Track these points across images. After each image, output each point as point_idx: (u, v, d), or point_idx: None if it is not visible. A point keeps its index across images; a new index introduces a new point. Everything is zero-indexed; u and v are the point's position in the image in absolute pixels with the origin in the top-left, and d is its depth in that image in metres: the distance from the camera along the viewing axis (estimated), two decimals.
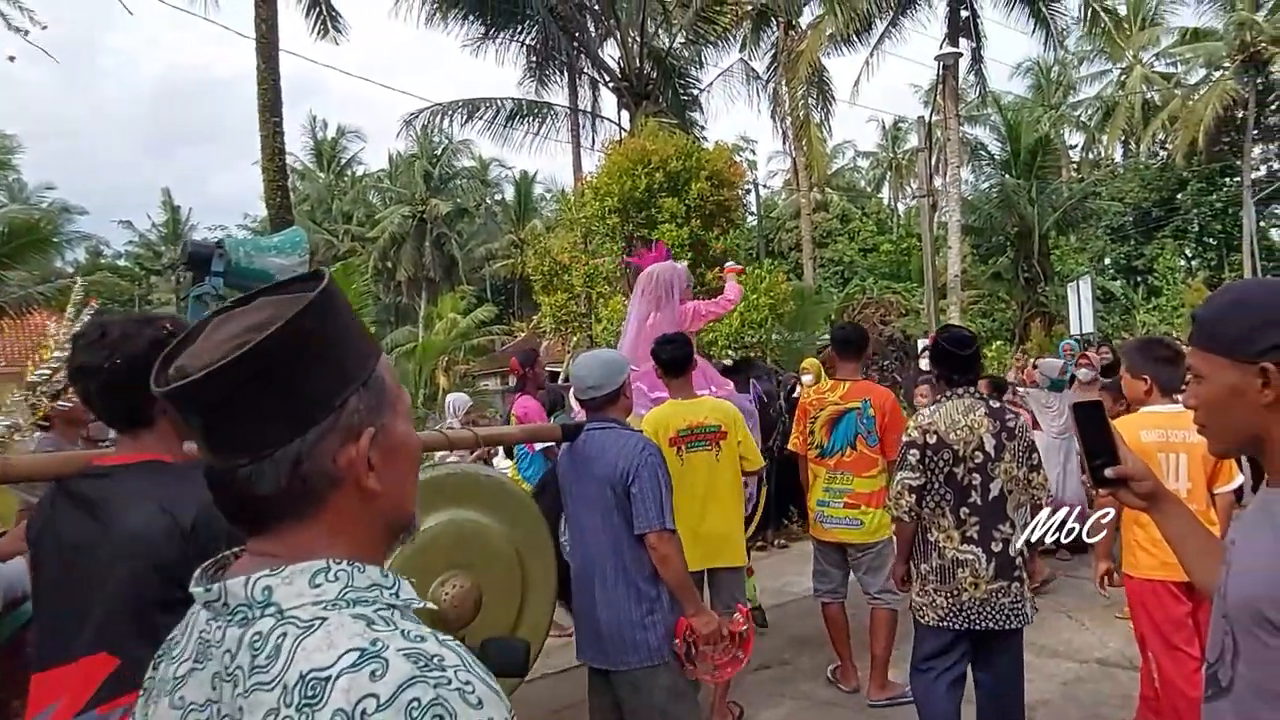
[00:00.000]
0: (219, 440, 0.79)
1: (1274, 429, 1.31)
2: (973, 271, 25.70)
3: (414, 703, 0.69)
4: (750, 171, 28.52)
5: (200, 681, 0.80)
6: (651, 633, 2.84)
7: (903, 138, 39.13)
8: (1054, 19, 19.66)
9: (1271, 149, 33.11)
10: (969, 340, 3.51)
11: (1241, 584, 1.30)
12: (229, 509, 0.82)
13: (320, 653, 0.72)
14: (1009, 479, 3.30)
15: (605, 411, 2.99)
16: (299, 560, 0.79)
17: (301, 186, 40.58)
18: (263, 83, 11.92)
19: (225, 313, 0.84)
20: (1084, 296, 15.45)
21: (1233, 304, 1.35)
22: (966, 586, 3.26)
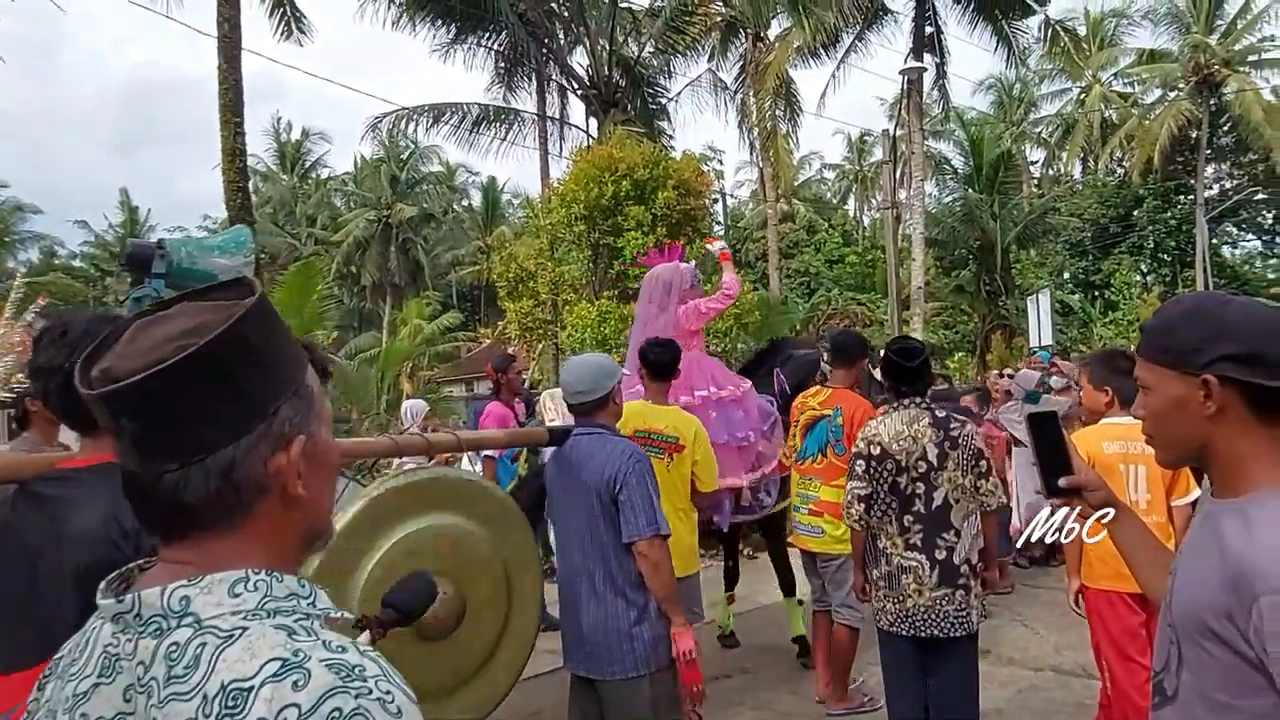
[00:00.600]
0: (150, 445, 0.78)
1: (1217, 441, 1.31)
2: (936, 284, 26.08)
3: (335, 712, 0.70)
4: (717, 181, 28.68)
5: (108, 696, 0.79)
6: (639, 642, 2.79)
7: (868, 151, 39.61)
8: (1016, 37, 20.07)
9: (1223, 168, 34.06)
10: (915, 351, 3.53)
11: (1186, 593, 1.31)
12: (150, 516, 0.81)
13: (242, 663, 0.73)
14: (953, 487, 3.33)
15: (594, 417, 2.95)
16: (216, 569, 0.79)
17: (264, 189, 39.99)
18: (224, 82, 11.73)
19: (145, 317, 0.83)
20: (1043, 309, 15.75)
21: (1178, 316, 1.36)
22: (911, 593, 3.31)
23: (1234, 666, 1.19)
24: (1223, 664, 1.21)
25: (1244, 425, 1.29)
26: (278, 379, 0.83)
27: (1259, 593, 1.14)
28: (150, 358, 0.76)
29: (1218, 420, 1.30)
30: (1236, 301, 1.34)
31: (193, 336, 0.77)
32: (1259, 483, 1.27)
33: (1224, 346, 1.27)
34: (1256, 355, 1.26)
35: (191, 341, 0.76)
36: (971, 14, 19.49)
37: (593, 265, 11.26)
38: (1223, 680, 1.22)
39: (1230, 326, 1.28)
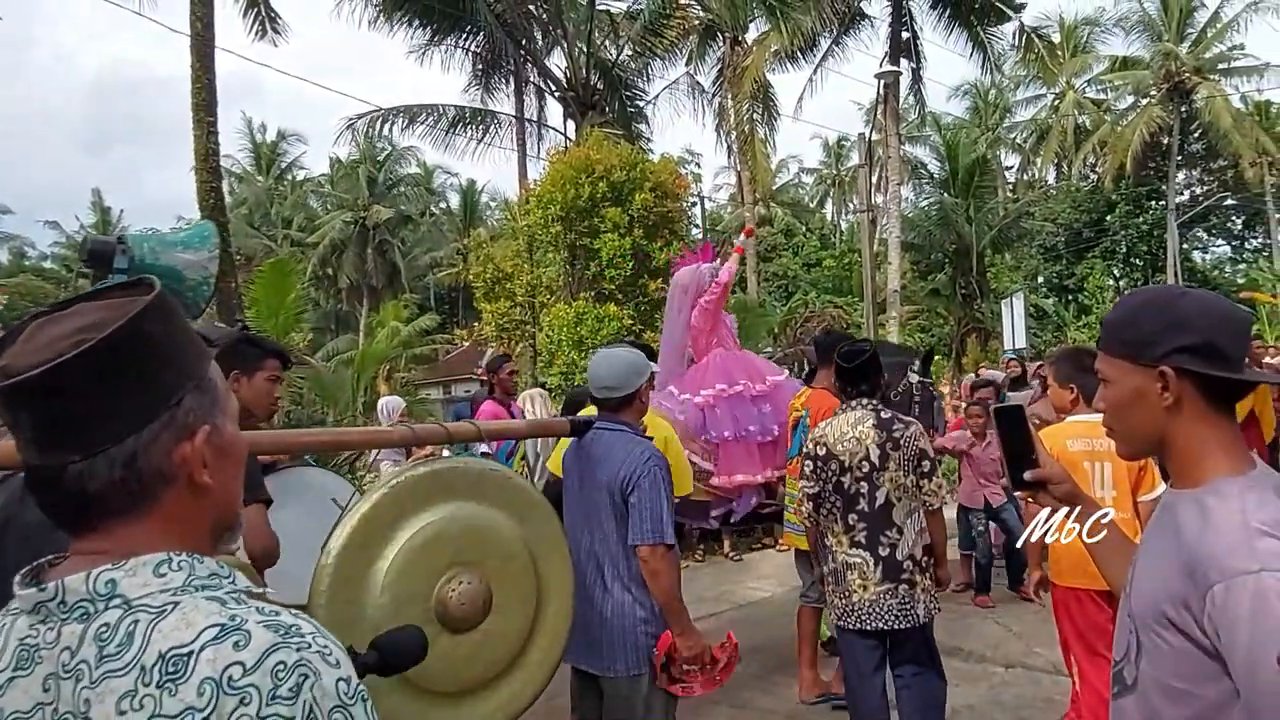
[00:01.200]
0: (51, 438, 0.79)
1: (1175, 433, 1.32)
2: (912, 287, 26.30)
3: (279, 665, 0.74)
4: (695, 185, 28.75)
5: (25, 688, 0.79)
6: (642, 640, 2.78)
7: (845, 155, 39.88)
8: (991, 44, 20.26)
9: (1194, 174, 34.64)
10: (856, 354, 3.59)
11: (1144, 583, 1.32)
12: (55, 508, 0.82)
13: (178, 631, 0.75)
14: (895, 487, 3.41)
15: (620, 413, 2.90)
16: (133, 555, 0.80)
17: (240, 190, 39.60)
18: (197, 81, 11.58)
19: (43, 316, 0.84)
20: (1017, 313, 15.88)
21: (1135, 309, 1.37)
22: (856, 588, 3.40)
23: (1190, 654, 1.20)
24: (1179, 652, 1.22)
25: (1200, 416, 1.31)
26: (179, 372, 0.84)
27: (1213, 581, 1.15)
28: (48, 353, 0.77)
29: (1175, 411, 1.31)
30: (1192, 294, 1.35)
31: (91, 331, 0.78)
32: (1216, 472, 1.28)
33: (1179, 338, 1.28)
34: (1211, 346, 1.27)
35: (89, 337, 0.77)
36: (947, 20, 19.66)
37: (569, 266, 11.24)
38: (1180, 668, 1.23)
39: (1185, 318, 1.29)
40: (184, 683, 0.72)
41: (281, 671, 0.74)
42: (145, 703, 0.73)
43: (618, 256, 10.17)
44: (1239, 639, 1.12)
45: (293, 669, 0.74)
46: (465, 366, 29.34)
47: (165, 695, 0.72)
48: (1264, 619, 1.09)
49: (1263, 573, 1.12)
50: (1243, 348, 1.29)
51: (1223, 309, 1.31)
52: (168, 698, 0.72)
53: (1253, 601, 1.11)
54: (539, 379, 11.49)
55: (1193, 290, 1.36)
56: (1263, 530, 1.17)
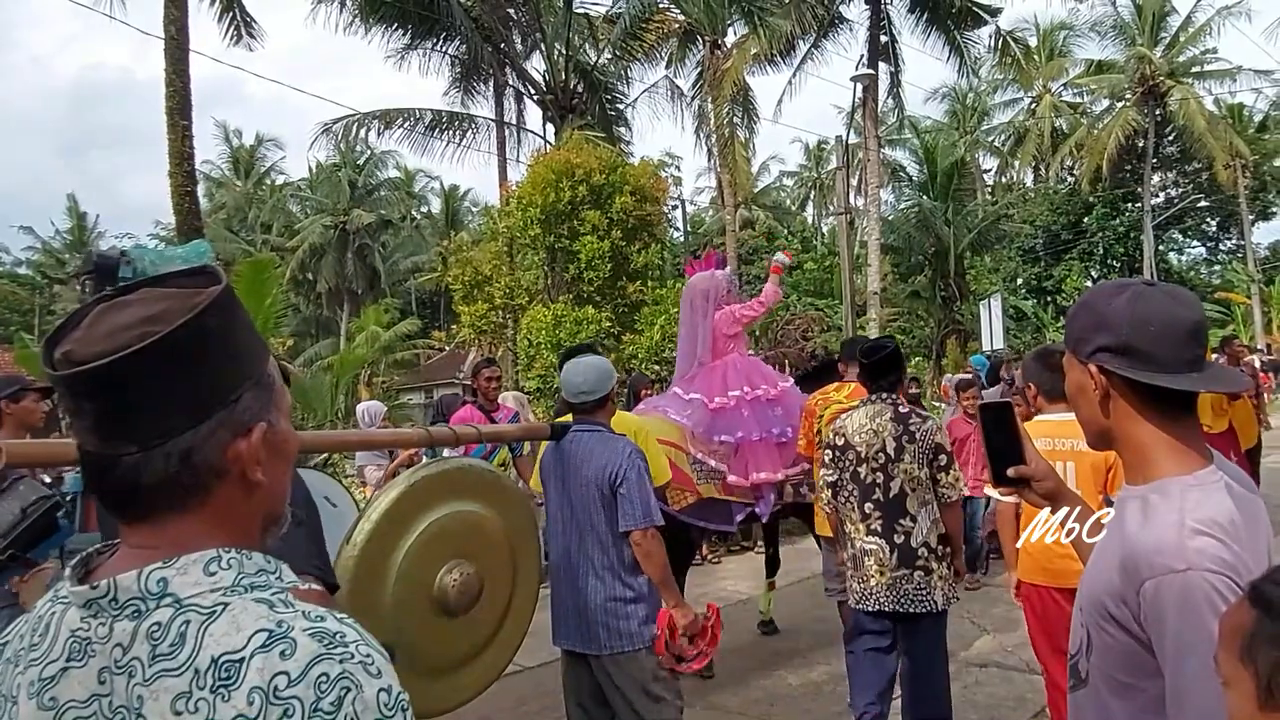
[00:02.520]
0: (111, 428, 0.80)
1: (1115, 428, 1.33)
2: (892, 290, 26.45)
3: (323, 677, 0.75)
4: (676, 188, 28.78)
5: (80, 680, 0.80)
6: (634, 619, 3.00)
7: (826, 158, 40.07)
8: (968, 48, 20.41)
9: (1169, 177, 35.05)
10: (876, 349, 3.75)
11: (1090, 579, 1.33)
12: (108, 496, 0.83)
13: (229, 636, 0.76)
14: (909, 478, 3.52)
15: (594, 415, 3.15)
16: (181, 551, 0.81)
17: (218, 195, 39.33)
18: (171, 85, 11.48)
19: (106, 302, 0.84)
20: (995, 314, 16.03)
21: (1080, 304, 1.39)
22: (873, 573, 3.54)
23: (1131, 649, 1.21)
24: (1122, 646, 1.23)
25: (1137, 414, 1.30)
26: (240, 368, 0.84)
27: (1144, 578, 1.16)
28: (112, 343, 0.78)
29: (1109, 408, 1.32)
30: (1131, 290, 1.32)
31: (156, 324, 0.78)
32: (1164, 471, 1.28)
33: (1101, 337, 1.29)
34: (1128, 347, 1.27)
35: (156, 329, 0.78)
36: (924, 24, 19.80)
37: (549, 269, 11.22)
38: (1123, 662, 1.24)
39: (1109, 317, 1.29)
40: (236, 689, 0.74)
41: (324, 684, 0.75)
42: (200, 706, 0.74)
43: (597, 259, 10.16)
44: (1166, 635, 1.13)
45: (335, 681, 0.75)
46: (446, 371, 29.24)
47: (219, 700, 0.74)
48: (1189, 616, 1.11)
49: (1189, 572, 1.13)
50: (1179, 349, 1.27)
51: (1157, 309, 1.28)
52: (221, 703, 0.74)
53: (1179, 599, 1.12)
54: (518, 382, 11.47)
55: (1133, 285, 1.33)
56: (1197, 529, 1.17)
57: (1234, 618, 0.95)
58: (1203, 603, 1.10)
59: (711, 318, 5.00)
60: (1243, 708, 0.91)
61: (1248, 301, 30.31)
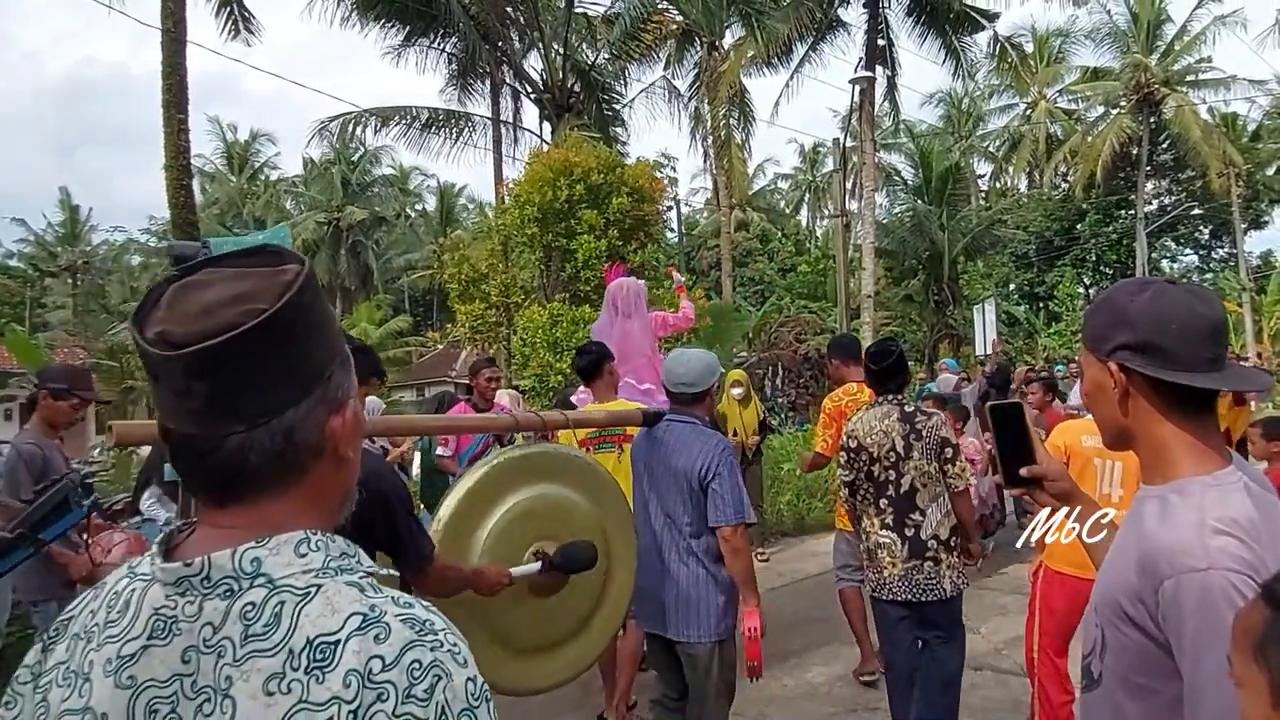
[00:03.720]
0: (220, 408, 0.79)
1: (1134, 426, 1.32)
2: (886, 293, 26.45)
3: (415, 664, 0.76)
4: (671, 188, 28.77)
5: (162, 659, 0.78)
6: (715, 610, 3.08)
7: (821, 161, 40.14)
8: (965, 53, 20.44)
9: (1163, 184, 35.21)
10: (884, 355, 3.91)
11: (1107, 577, 1.32)
12: (204, 477, 0.82)
13: (324, 618, 0.76)
14: (919, 474, 3.72)
15: (691, 408, 3.21)
16: (271, 531, 0.80)
17: (211, 190, 39.17)
18: (168, 79, 11.42)
19: (176, 283, 0.82)
20: (988, 319, 16.04)
21: (1099, 302, 1.38)
22: (886, 565, 3.74)
23: (1147, 650, 1.20)
24: (1138, 647, 1.22)
25: (1156, 413, 1.30)
26: (329, 346, 0.85)
27: (1163, 576, 1.16)
28: (212, 321, 0.77)
29: (1129, 406, 1.31)
30: (1153, 288, 1.32)
31: (253, 301, 0.78)
32: (1183, 470, 1.28)
33: (1122, 335, 1.29)
34: (1149, 345, 1.26)
35: (260, 307, 0.78)
36: (922, 28, 19.82)
37: (545, 268, 11.20)
38: (1139, 663, 1.23)
39: (1131, 315, 1.29)
40: (331, 671, 0.74)
41: (417, 670, 0.76)
42: (293, 686, 0.74)
43: (593, 258, 10.14)
44: (1185, 634, 1.13)
45: (427, 669, 0.76)
46: (439, 369, 29.17)
47: (313, 682, 0.74)
48: (1208, 615, 1.10)
49: (1210, 571, 1.12)
50: (1200, 347, 1.26)
51: (1178, 307, 1.29)
52: (315, 684, 0.74)
53: (1199, 598, 1.11)
54: (514, 381, 11.43)
55: (1155, 284, 1.33)
56: (1217, 529, 1.17)
57: (1247, 618, 0.94)
58: (1222, 601, 1.09)
59: (645, 317, 5.09)
60: (1256, 708, 0.90)
61: (1239, 310, 30.44)
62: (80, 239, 42.61)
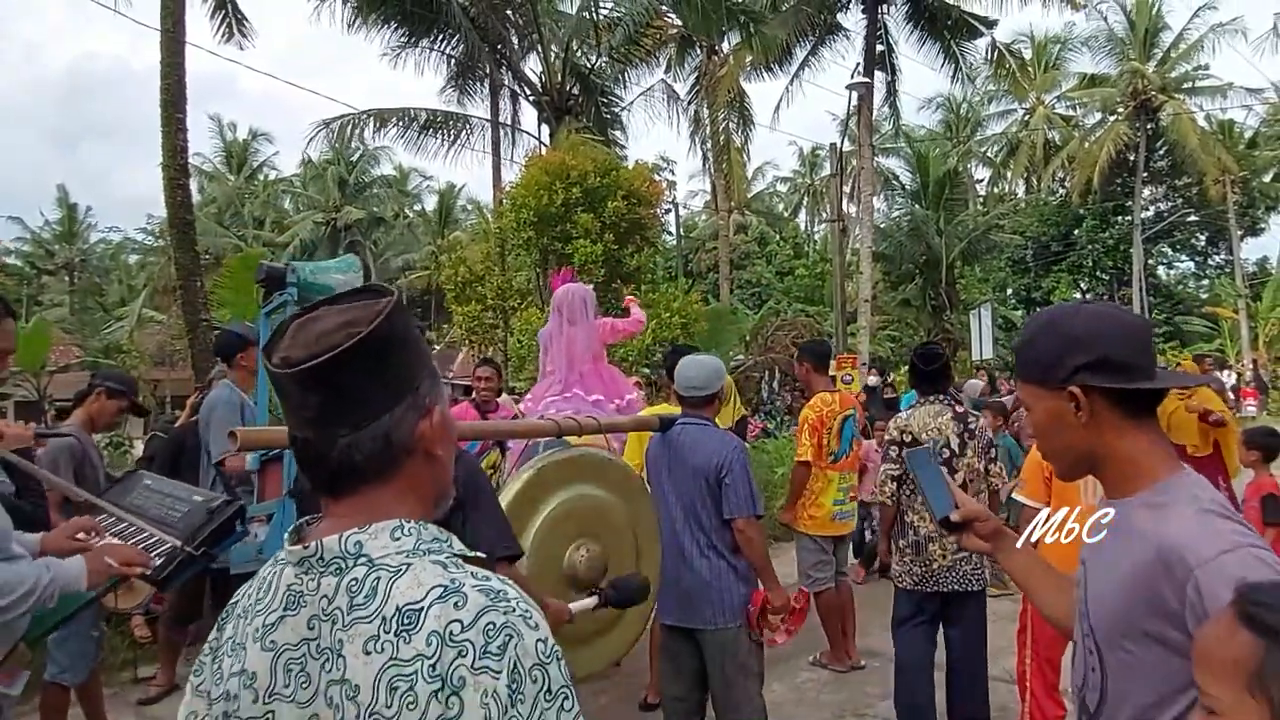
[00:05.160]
0: (332, 414, 0.95)
1: (1102, 446, 1.33)
2: (883, 297, 26.53)
3: (490, 625, 0.88)
4: (670, 191, 28.80)
5: (293, 626, 0.95)
6: (736, 597, 3.29)
7: (820, 164, 40.17)
8: (964, 58, 20.50)
9: (1159, 191, 35.29)
10: (933, 357, 4.16)
11: (1102, 599, 1.31)
12: (321, 475, 0.98)
13: (411, 590, 0.90)
14: (970, 471, 3.94)
15: (702, 410, 3.42)
16: (378, 519, 0.95)
17: (209, 189, 39.09)
18: (166, 78, 11.40)
19: (298, 319, 1.00)
20: (985, 324, 16.11)
21: (1033, 334, 1.39)
22: (936, 557, 3.91)
23: (1164, 664, 1.18)
24: (1152, 664, 1.20)
25: (1122, 427, 1.32)
26: (417, 359, 1.01)
27: (1192, 566, 1.14)
28: (322, 344, 0.93)
29: (1094, 427, 1.31)
30: (1086, 310, 1.36)
31: (354, 326, 0.94)
32: (1156, 477, 1.29)
33: (1077, 357, 1.30)
34: (1106, 360, 1.29)
35: (357, 330, 0.93)
36: (921, 34, 19.87)
37: (541, 271, 11.22)
38: (1153, 682, 1.21)
39: (1079, 337, 1.31)
40: (416, 633, 0.87)
41: (491, 631, 0.87)
42: (385, 646, 0.87)
43: (589, 262, 10.16)
44: None
45: (500, 630, 0.88)
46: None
47: (401, 642, 0.87)
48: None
49: (1238, 550, 1.13)
50: (1145, 355, 1.31)
51: (1116, 322, 1.33)
52: (403, 644, 0.87)
53: (1239, 573, 1.08)
54: (510, 384, 11.44)
55: (1086, 306, 1.38)
56: (1221, 514, 1.20)
57: (1230, 648, 0.91)
58: (1259, 564, 1.10)
59: (594, 324, 5.00)
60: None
61: (1235, 316, 30.53)
62: (78, 237, 42.56)
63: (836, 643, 5.09)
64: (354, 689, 0.88)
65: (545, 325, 5.19)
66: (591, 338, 4.87)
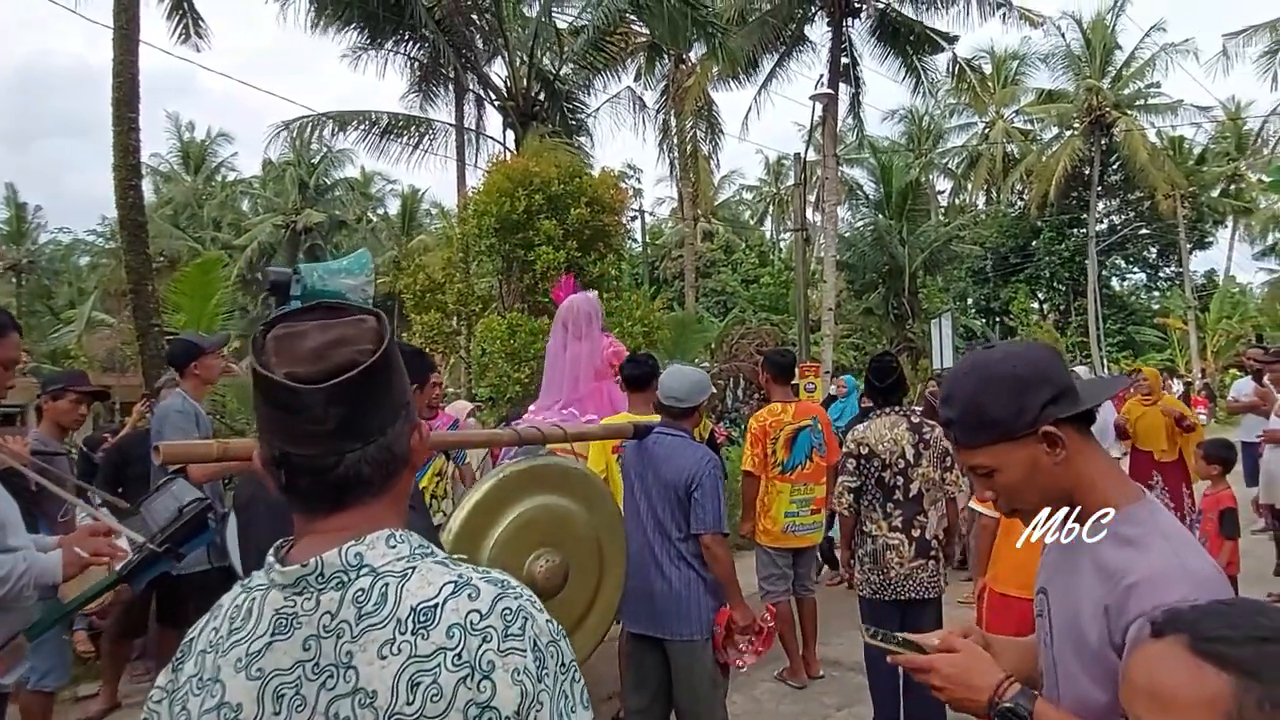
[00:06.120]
0: (350, 429, 0.96)
1: (1073, 478, 1.32)
2: (846, 306, 26.76)
3: (506, 610, 0.94)
4: (636, 199, 28.82)
5: (286, 650, 0.93)
6: (704, 610, 3.30)
7: (785, 174, 40.49)
8: (926, 72, 20.81)
9: (1113, 205, 36.13)
10: (887, 372, 4.22)
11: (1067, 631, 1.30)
12: (323, 490, 0.97)
13: (423, 589, 0.93)
14: (925, 480, 4.01)
15: (681, 422, 3.42)
16: (375, 528, 0.98)
17: (165, 189, 38.31)
18: (119, 75, 11.11)
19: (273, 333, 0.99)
20: (945, 333, 16.31)
21: (974, 397, 1.33)
22: (894, 565, 3.97)
23: None
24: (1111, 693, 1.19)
25: (1085, 452, 1.32)
26: (406, 378, 1.06)
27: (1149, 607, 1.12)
28: (330, 363, 0.95)
29: (1066, 461, 1.30)
30: (1007, 352, 1.35)
31: (353, 345, 0.97)
32: (1116, 501, 1.30)
33: (1040, 395, 1.28)
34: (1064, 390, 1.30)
35: (365, 348, 0.97)
36: (884, 48, 20.15)
37: (504, 278, 11.11)
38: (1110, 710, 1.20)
39: (1028, 376, 1.29)
40: (434, 628, 0.90)
41: (509, 615, 0.93)
42: (402, 647, 0.90)
43: (551, 269, 10.08)
44: None
45: (517, 613, 0.94)
46: None
47: (419, 639, 0.90)
48: None
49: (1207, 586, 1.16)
50: (1070, 377, 1.33)
51: (1044, 351, 1.35)
52: (420, 641, 0.90)
53: None
54: (472, 391, 11.32)
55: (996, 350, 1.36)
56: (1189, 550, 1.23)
57: (1200, 689, 0.85)
58: None
59: (597, 340, 4.90)
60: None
61: (1185, 327, 31.33)
62: (26, 237, 41.41)
63: (794, 657, 5.06)
64: (370, 695, 0.89)
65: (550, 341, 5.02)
66: (596, 354, 4.76)
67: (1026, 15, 20.71)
